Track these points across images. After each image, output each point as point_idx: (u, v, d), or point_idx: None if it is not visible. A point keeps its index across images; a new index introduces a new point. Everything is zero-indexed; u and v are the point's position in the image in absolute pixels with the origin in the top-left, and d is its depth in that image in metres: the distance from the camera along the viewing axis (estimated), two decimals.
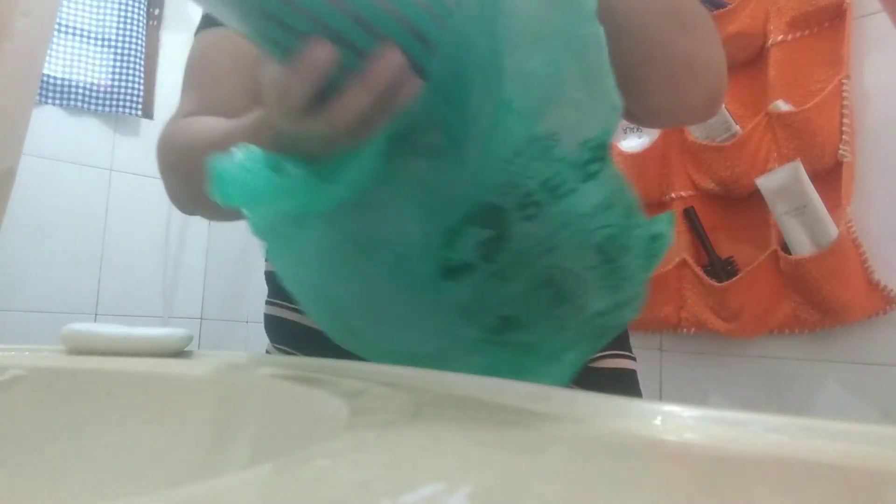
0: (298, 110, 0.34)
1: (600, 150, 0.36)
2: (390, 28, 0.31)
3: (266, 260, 0.61)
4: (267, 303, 0.60)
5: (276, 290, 0.59)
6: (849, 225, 0.96)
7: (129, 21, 2.00)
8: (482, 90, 0.34)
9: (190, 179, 0.55)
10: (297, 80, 0.32)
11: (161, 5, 2.10)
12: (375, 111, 0.33)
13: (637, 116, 0.54)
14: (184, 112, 0.60)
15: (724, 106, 1.10)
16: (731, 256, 1.11)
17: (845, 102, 0.98)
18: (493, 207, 0.36)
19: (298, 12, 0.30)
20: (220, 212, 0.59)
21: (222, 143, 0.47)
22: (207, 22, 0.62)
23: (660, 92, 0.50)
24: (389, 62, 0.32)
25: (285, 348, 0.58)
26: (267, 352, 0.60)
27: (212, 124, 0.54)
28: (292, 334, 0.56)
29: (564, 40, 0.34)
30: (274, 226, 0.38)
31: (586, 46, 0.35)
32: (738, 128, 1.09)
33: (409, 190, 0.36)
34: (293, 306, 0.56)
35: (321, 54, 0.31)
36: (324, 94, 0.33)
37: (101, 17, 1.99)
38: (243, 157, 0.35)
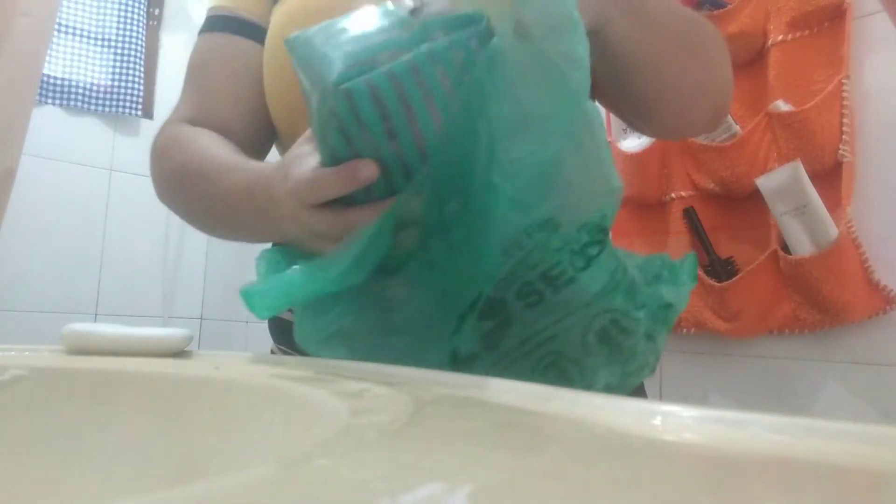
0: (317, 204, 0.38)
1: (599, 233, 0.37)
2: (415, 159, 0.36)
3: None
4: None
5: None
6: (849, 225, 0.96)
7: (129, 21, 2.00)
8: (475, 179, 0.35)
9: (181, 197, 0.58)
10: (335, 182, 0.37)
11: (161, 5, 2.10)
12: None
13: (640, 129, 0.55)
14: (180, 116, 0.61)
15: None
16: (731, 256, 1.11)
17: (845, 102, 0.98)
18: (496, 298, 0.37)
19: (365, 139, 0.35)
20: (208, 227, 0.60)
21: (219, 179, 0.50)
22: (211, 25, 0.62)
23: (668, 113, 0.51)
24: (411, 203, 0.36)
25: (287, 349, 0.58)
26: (272, 352, 0.60)
27: (212, 151, 0.54)
28: (291, 333, 0.56)
29: (555, 123, 0.34)
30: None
31: (578, 127, 0.35)
32: (738, 128, 1.09)
33: (421, 279, 0.38)
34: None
35: (367, 173, 0.36)
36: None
37: (101, 17, 1.99)
38: (266, 270, 0.42)
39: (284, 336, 0.58)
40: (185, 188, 0.56)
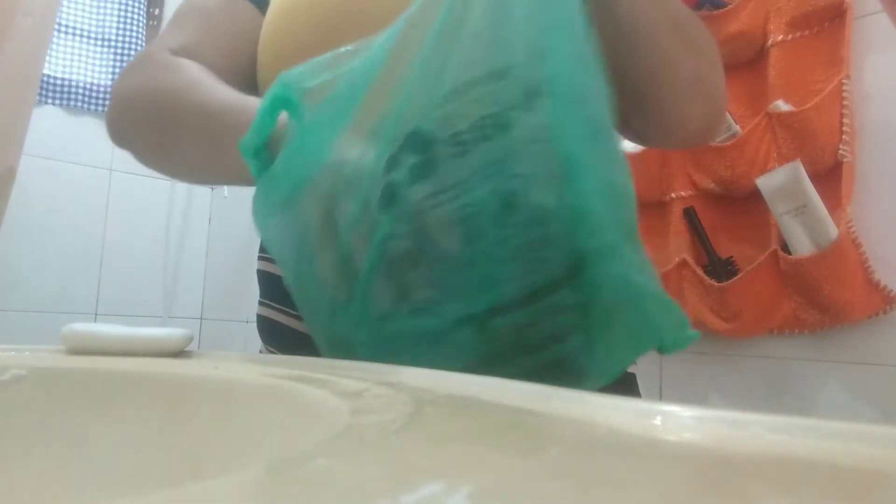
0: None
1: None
2: None
3: (258, 258, 0.61)
4: (259, 303, 0.60)
5: (268, 290, 0.59)
6: (849, 225, 0.96)
7: (129, 21, 2.00)
8: None
9: (159, 123, 0.53)
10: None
11: (161, 5, 2.10)
12: None
13: (636, 128, 0.55)
14: (169, 44, 0.57)
15: None
16: (731, 256, 1.11)
17: (845, 103, 0.98)
18: (426, 133, 0.36)
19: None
20: (169, 167, 0.56)
21: (214, 109, 0.47)
22: None
23: (667, 111, 0.51)
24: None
25: (274, 350, 0.57)
26: (260, 353, 0.60)
27: (205, 81, 0.51)
28: (282, 337, 0.56)
29: None
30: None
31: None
32: (738, 128, 1.09)
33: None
34: (284, 308, 0.55)
35: None
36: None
37: (101, 17, 1.99)
38: None
39: (274, 338, 0.57)
40: (171, 122, 0.52)
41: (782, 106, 1.03)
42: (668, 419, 0.19)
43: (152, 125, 0.54)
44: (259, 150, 0.39)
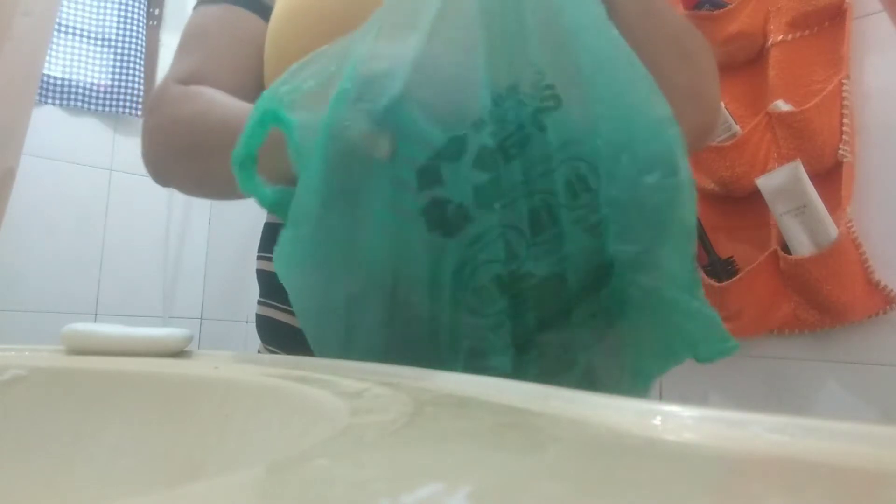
0: None
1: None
2: None
3: (258, 258, 0.61)
4: (259, 302, 0.60)
5: (268, 289, 0.59)
6: (849, 225, 0.96)
7: (129, 21, 2.00)
8: None
9: (188, 152, 0.54)
10: None
11: (161, 5, 2.10)
12: None
13: None
14: (178, 75, 0.58)
15: (723, 106, 1.10)
16: (731, 256, 1.11)
17: (845, 103, 0.98)
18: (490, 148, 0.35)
19: None
20: (207, 188, 0.57)
21: (234, 125, 0.46)
22: None
23: None
24: None
25: (274, 349, 0.57)
26: (259, 352, 0.60)
27: (221, 100, 0.52)
28: (283, 336, 0.56)
29: None
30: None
31: None
32: (738, 128, 1.09)
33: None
34: (284, 307, 0.55)
35: None
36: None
37: (101, 17, 1.99)
38: None
39: (275, 337, 0.57)
40: (192, 139, 0.53)
41: (782, 106, 1.03)
42: (668, 419, 0.19)
43: (183, 154, 0.55)
44: (246, 163, 0.38)
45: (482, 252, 0.34)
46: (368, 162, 0.35)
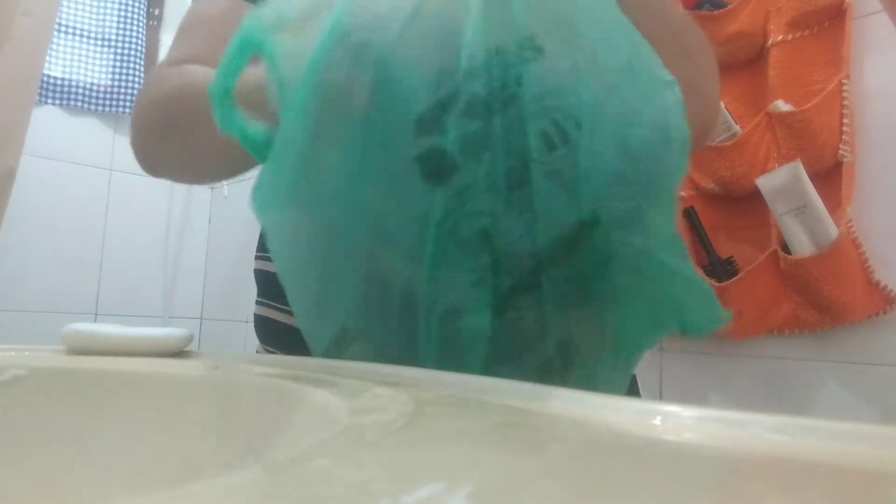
0: None
1: None
2: None
3: (256, 258, 0.61)
4: (256, 302, 0.60)
5: (266, 289, 0.59)
6: (849, 225, 0.96)
7: (129, 21, 2.00)
8: None
9: (171, 127, 0.52)
10: None
11: (161, 5, 2.10)
12: None
13: None
14: (172, 59, 0.57)
15: (723, 106, 1.10)
16: (731, 256, 1.11)
17: (845, 102, 0.98)
18: (480, 96, 0.32)
19: None
20: (196, 167, 0.54)
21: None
22: None
23: None
24: None
25: (272, 349, 0.57)
26: (257, 352, 0.60)
27: (204, 71, 0.50)
28: (280, 336, 0.56)
29: None
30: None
31: None
32: (738, 128, 1.09)
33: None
34: (282, 307, 0.55)
35: None
36: None
37: (101, 17, 1.99)
38: None
39: (273, 337, 0.57)
40: (178, 108, 0.51)
41: (782, 106, 1.03)
42: (668, 419, 0.19)
43: (166, 131, 0.53)
44: (224, 98, 0.35)
45: (469, 203, 0.32)
46: (360, 104, 0.33)
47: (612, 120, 0.33)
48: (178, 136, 0.51)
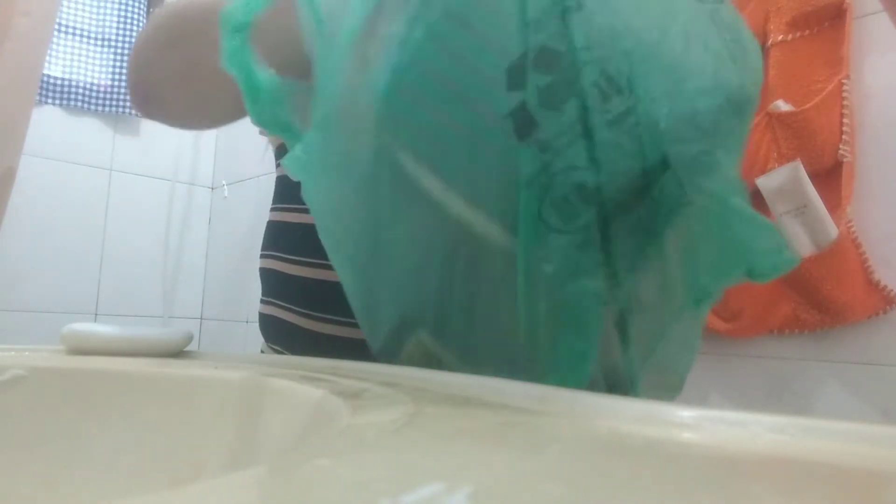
0: None
1: None
2: None
3: (261, 257, 0.61)
4: (261, 301, 0.60)
5: (270, 288, 0.59)
6: (849, 225, 0.96)
7: (129, 21, 2.00)
8: None
9: (172, 45, 0.47)
10: None
11: (161, 5, 2.10)
12: None
13: None
14: None
15: None
16: None
17: (845, 102, 0.98)
18: (551, 48, 0.30)
19: None
20: (195, 92, 0.48)
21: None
22: None
23: None
24: None
25: (279, 348, 0.57)
26: (261, 351, 0.60)
27: None
28: (286, 335, 0.56)
29: None
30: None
31: None
32: None
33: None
34: (288, 306, 0.55)
35: None
36: None
37: (101, 17, 1.99)
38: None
39: (278, 336, 0.57)
40: (194, 10, 0.46)
41: (782, 106, 1.03)
42: (669, 419, 0.19)
43: (170, 48, 0.48)
44: (240, 29, 0.31)
45: (559, 158, 0.30)
46: (467, 54, 0.30)
47: (664, 67, 0.32)
48: (182, 48, 0.47)
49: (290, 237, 0.56)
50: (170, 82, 0.50)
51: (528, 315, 0.31)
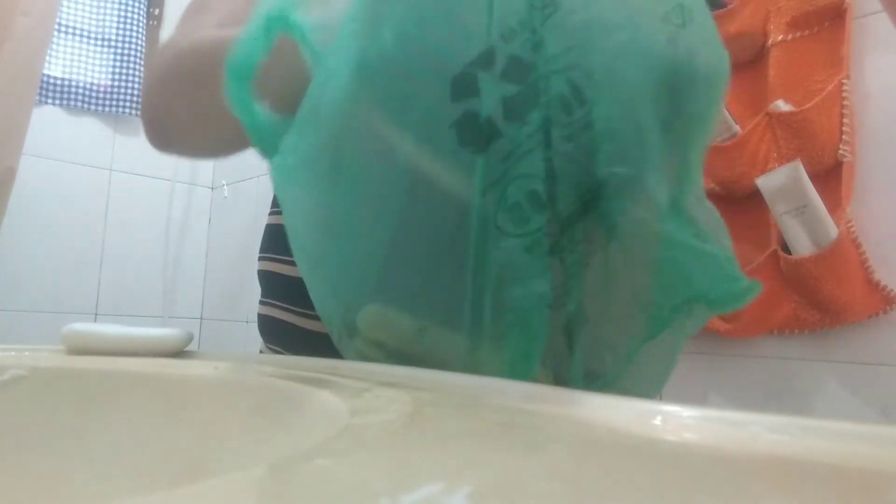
0: None
1: None
2: None
3: (259, 259, 0.61)
4: (260, 302, 0.60)
5: (270, 289, 0.59)
6: (849, 225, 0.96)
7: (129, 21, 2.00)
8: None
9: (183, 83, 0.49)
10: None
11: (161, 5, 2.10)
12: None
13: None
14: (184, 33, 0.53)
15: (723, 106, 1.10)
16: None
17: (845, 102, 0.98)
18: (519, 57, 0.31)
19: None
20: (204, 128, 0.49)
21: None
22: None
23: None
24: None
25: (278, 349, 0.57)
26: (260, 352, 0.60)
27: (223, 33, 0.48)
28: (285, 335, 0.56)
29: None
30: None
31: None
32: (738, 128, 1.09)
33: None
34: (285, 306, 0.56)
35: None
36: None
37: (101, 17, 1.99)
38: None
39: (277, 336, 0.57)
40: (191, 66, 0.48)
41: (782, 106, 1.03)
42: (668, 419, 0.19)
43: (181, 87, 0.49)
44: (242, 73, 0.33)
45: (516, 167, 0.31)
46: (413, 68, 0.31)
47: (622, 77, 0.32)
48: (195, 90, 0.48)
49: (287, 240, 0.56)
50: (186, 124, 0.52)
51: (473, 315, 0.32)
